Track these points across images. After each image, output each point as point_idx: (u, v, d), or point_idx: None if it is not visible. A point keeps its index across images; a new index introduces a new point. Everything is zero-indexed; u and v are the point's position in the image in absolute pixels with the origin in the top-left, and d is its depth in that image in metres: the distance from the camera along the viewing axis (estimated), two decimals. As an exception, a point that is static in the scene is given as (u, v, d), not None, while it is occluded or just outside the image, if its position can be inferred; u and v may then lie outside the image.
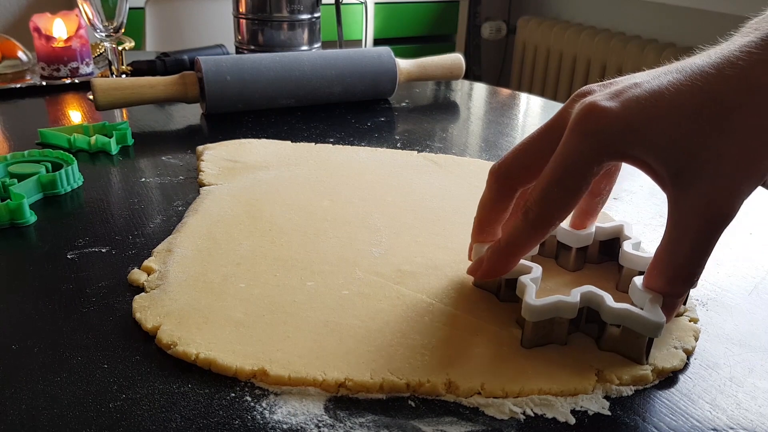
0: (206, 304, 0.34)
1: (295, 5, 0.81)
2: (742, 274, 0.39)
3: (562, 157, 0.29)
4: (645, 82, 0.29)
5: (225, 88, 0.66)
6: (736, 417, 0.28)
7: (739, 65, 0.27)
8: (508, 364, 0.30)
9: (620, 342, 0.30)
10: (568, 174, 0.29)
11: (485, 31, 2.22)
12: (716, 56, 0.28)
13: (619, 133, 0.28)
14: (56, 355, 0.31)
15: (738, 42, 0.29)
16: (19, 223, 0.44)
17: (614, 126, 0.28)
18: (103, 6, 0.68)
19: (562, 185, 0.29)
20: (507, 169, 0.33)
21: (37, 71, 0.82)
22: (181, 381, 0.29)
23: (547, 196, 0.30)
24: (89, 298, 0.35)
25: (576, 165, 0.29)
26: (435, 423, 0.27)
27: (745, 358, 0.32)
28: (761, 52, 0.27)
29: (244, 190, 0.48)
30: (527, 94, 0.83)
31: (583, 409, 0.28)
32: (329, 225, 0.43)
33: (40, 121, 0.70)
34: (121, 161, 0.56)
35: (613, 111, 0.28)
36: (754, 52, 0.27)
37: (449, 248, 0.41)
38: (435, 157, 0.56)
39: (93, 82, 0.63)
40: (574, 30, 1.85)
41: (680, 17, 1.62)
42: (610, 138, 0.28)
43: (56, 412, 0.27)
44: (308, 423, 0.27)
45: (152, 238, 0.42)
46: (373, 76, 0.73)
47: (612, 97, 0.29)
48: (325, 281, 0.36)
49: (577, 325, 0.32)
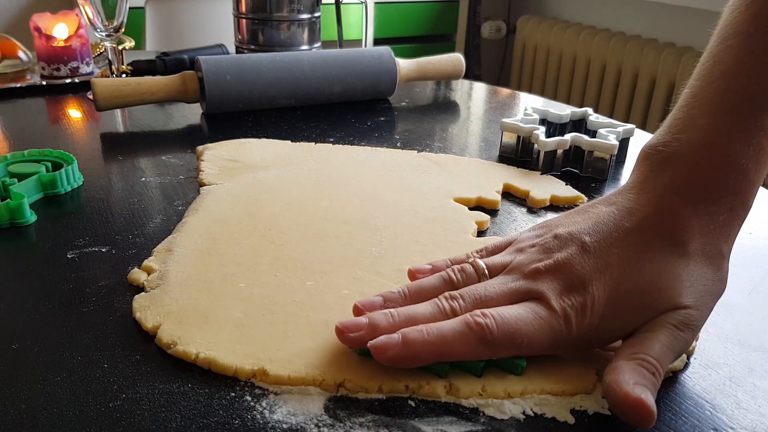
0: (206, 304, 0.34)
1: (295, 5, 0.81)
2: (742, 274, 0.39)
3: (541, 325, 0.29)
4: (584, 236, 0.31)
5: (225, 88, 0.66)
6: (736, 417, 0.28)
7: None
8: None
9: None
10: (539, 345, 0.29)
11: (485, 30, 2.22)
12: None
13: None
14: (56, 355, 0.31)
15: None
16: (19, 222, 0.44)
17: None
18: (103, 5, 0.68)
19: (531, 346, 0.29)
20: (496, 339, 0.29)
21: (37, 71, 0.82)
22: (181, 381, 0.29)
23: (514, 341, 0.28)
24: (89, 298, 0.35)
25: (548, 341, 0.29)
26: (435, 423, 0.27)
27: (744, 357, 0.32)
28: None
29: (244, 189, 0.48)
30: (527, 93, 0.83)
31: (582, 409, 0.28)
32: (329, 225, 0.43)
33: (41, 120, 0.70)
34: (121, 161, 0.56)
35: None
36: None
37: (449, 248, 0.41)
38: (435, 157, 0.56)
39: (93, 81, 0.63)
40: (573, 29, 1.85)
41: (680, 17, 1.62)
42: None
43: (56, 412, 0.27)
44: (308, 423, 0.27)
45: (152, 238, 0.42)
46: (373, 75, 0.73)
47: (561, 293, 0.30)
48: (325, 281, 0.36)
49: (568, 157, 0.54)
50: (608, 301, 0.29)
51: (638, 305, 0.29)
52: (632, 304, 0.29)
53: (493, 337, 0.28)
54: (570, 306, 0.29)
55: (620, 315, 0.29)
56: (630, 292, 0.29)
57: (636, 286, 0.29)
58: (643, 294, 0.29)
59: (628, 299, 0.29)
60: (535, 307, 0.29)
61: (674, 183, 0.31)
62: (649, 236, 0.30)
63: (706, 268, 0.30)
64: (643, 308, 0.29)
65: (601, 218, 0.31)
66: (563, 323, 0.29)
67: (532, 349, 0.29)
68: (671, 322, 0.28)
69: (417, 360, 0.29)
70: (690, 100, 0.32)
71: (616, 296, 0.29)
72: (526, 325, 0.28)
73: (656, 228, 0.30)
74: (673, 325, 0.28)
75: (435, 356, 0.29)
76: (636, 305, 0.29)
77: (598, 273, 0.29)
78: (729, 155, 0.30)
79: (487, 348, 0.28)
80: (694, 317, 0.29)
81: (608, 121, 0.58)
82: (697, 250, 0.30)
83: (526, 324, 0.28)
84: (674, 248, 0.30)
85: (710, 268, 0.30)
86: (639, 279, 0.29)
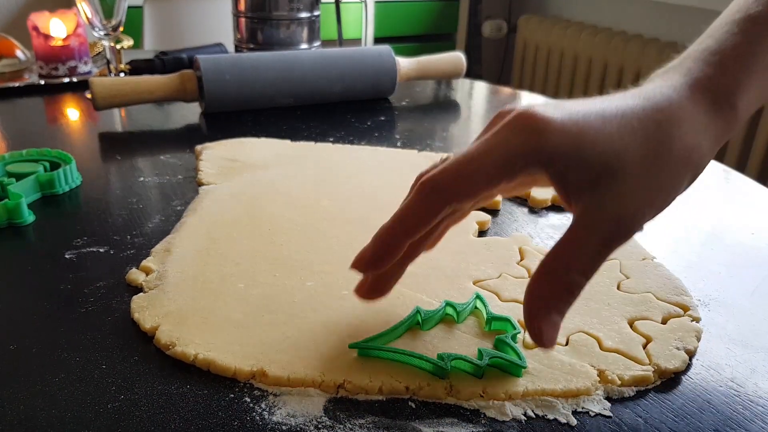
0: (205, 305, 0.34)
1: (294, 3, 0.80)
2: (744, 275, 0.39)
3: (489, 144, 0.27)
4: (579, 105, 0.28)
5: (224, 87, 0.66)
6: (738, 418, 0.28)
7: (669, 99, 0.28)
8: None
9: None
10: (491, 161, 0.26)
11: (486, 29, 2.22)
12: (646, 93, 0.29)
13: (556, 142, 0.26)
14: (54, 356, 0.30)
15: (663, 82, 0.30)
16: (17, 222, 0.43)
17: (551, 132, 0.26)
18: (101, 4, 0.68)
19: (482, 169, 0.26)
20: (442, 180, 0.27)
21: (35, 70, 0.82)
22: (179, 382, 0.29)
23: (460, 172, 0.26)
24: (87, 299, 0.35)
25: (501, 156, 0.26)
26: (435, 424, 0.27)
27: (747, 358, 0.32)
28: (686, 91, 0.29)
29: (243, 189, 0.48)
30: (528, 92, 0.83)
31: (584, 410, 0.28)
32: (329, 225, 0.43)
33: (39, 120, 0.70)
34: (120, 160, 0.56)
35: (553, 118, 0.27)
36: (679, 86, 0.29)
37: (449, 248, 0.40)
38: (436, 157, 0.56)
39: (91, 81, 0.63)
40: (575, 29, 1.84)
41: (681, 16, 1.61)
42: (544, 141, 0.26)
43: (54, 413, 0.27)
44: (308, 424, 0.27)
45: (151, 238, 0.42)
46: (374, 75, 0.73)
47: (549, 108, 0.27)
48: (325, 281, 0.36)
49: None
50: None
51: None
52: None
53: (436, 181, 0.26)
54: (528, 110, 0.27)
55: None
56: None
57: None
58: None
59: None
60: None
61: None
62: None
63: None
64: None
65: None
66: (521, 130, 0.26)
67: (485, 172, 0.26)
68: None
69: (389, 252, 0.28)
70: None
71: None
72: (467, 154, 0.27)
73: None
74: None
75: (399, 235, 0.27)
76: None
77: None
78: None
79: (437, 196, 0.26)
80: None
81: None
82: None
83: (468, 153, 0.27)
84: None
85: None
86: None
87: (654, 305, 0.35)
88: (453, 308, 0.33)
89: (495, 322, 0.33)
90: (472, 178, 0.26)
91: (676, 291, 0.36)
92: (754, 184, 0.53)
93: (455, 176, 0.27)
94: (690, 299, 0.36)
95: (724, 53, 0.30)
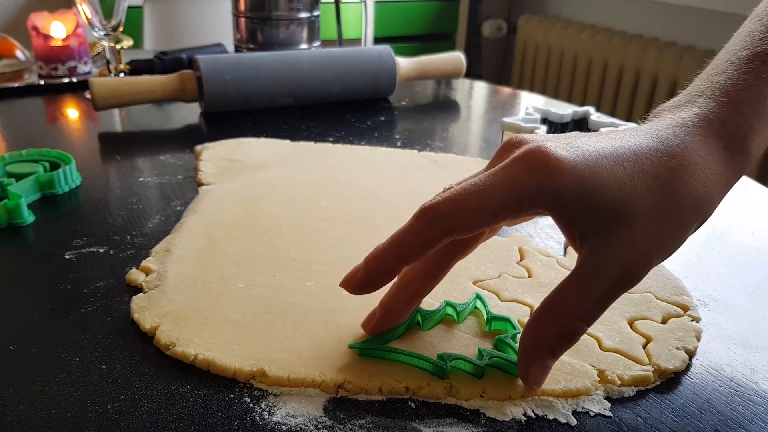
0: (205, 305, 0.34)
1: (294, 3, 0.80)
2: (744, 274, 0.39)
3: (496, 178, 0.26)
4: (591, 142, 0.28)
5: (224, 87, 0.66)
6: (738, 418, 0.28)
7: (678, 139, 0.28)
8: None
9: None
10: (497, 197, 0.26)
11: (486, 29, 2.22)
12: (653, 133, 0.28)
13: (567, 185, 0.26)
14: (54, 356, 0.30)
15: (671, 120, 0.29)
16: (17, 223, 0.43)
17: (563, 173, 0.26)
18: (101, 4, 0.68)
19: (486, 203, 0.26)
20: (444, 210, 0.27)
21: (35, 70, 0.82)
22: (179, 382, 0.29)
23: (464, 203, 0.26)
24: (87, 299, 0.35)
25: (508, 193, 0.26)
26: (435, 425, 0.27)
27: (747, 358, 0.32)
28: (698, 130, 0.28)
29: (243, 189, 0.48)
30: (528, 92, 0.83)
31: (584, 410, 0.28)
32: (329, 225, 0.43)
33: (38, 120, 0.70)
34: (119, 161, 0.56)
35: (565, 159, 0.26)
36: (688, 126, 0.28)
37: (449, 248, 0.40)
38: (435, 157, 0.56)
39: (91, 81, 0.63)
40: (575, 28, 1.84)
41: (681, 16, 1.61)
42: (554, 183, 0.26)
43: (54, 413, 0.27)
44: (307, 424, 0.27)
45: (150, 238, 0.42)
46: (373, 74, 0.73)
47: (561, 144, 0.27)
48: (325, 281, 0.36)
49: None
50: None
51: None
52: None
53: (438, 211, 0.26)
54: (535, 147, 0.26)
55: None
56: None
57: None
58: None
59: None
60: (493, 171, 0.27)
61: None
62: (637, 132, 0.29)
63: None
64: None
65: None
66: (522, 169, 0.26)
67: (490, 207, 0.26)
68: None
69: (380, 276, 0.27)
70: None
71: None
72: (473, 186, 0.26)
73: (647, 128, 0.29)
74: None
75: (393, 259, 0.27)
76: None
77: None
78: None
79: (437, 225, 0.26)
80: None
81: (610, 121, 0.58)
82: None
83: (474, 185, 0.26)
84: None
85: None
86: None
87: (654, 305, 0.35)
88: (453, 308, 0.33)
89: (495, 322, 0.33)
90: (476, 211, 0.26)
91: (676, 291, 0.36)
92: (754, 184, 0.53)
93: (459, 207, 0.26)
94: (690, 299, 0.36)
95: (736, 95, 0.29)
